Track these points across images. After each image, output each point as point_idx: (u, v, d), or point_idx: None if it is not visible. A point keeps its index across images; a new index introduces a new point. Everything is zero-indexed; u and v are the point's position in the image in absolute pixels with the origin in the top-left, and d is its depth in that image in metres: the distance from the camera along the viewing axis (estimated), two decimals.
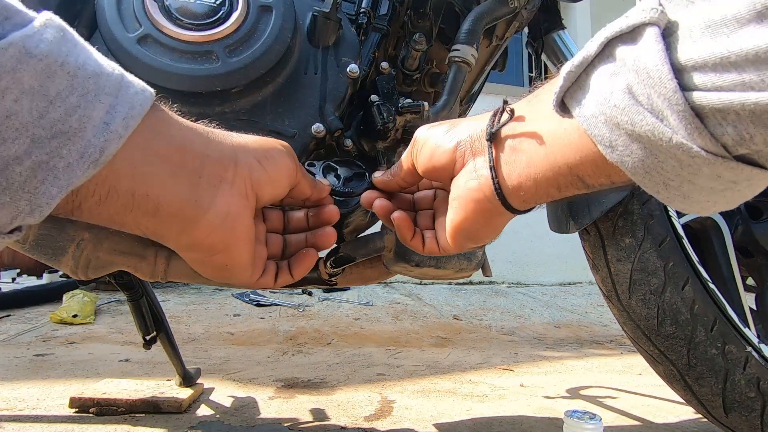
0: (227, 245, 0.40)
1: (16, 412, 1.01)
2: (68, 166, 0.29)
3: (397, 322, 2.44)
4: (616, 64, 0.30)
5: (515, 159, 0.39)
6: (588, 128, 0.31)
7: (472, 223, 0.43)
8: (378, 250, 0.74)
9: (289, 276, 0.48)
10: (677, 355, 0.78)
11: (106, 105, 0.31)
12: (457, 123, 0.45)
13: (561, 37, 1.07)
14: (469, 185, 0.42)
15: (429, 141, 0.45)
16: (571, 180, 0.36)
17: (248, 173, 0.40)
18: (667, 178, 0.29)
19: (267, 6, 0.66)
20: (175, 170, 0.36)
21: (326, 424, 0.99)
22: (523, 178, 0.38)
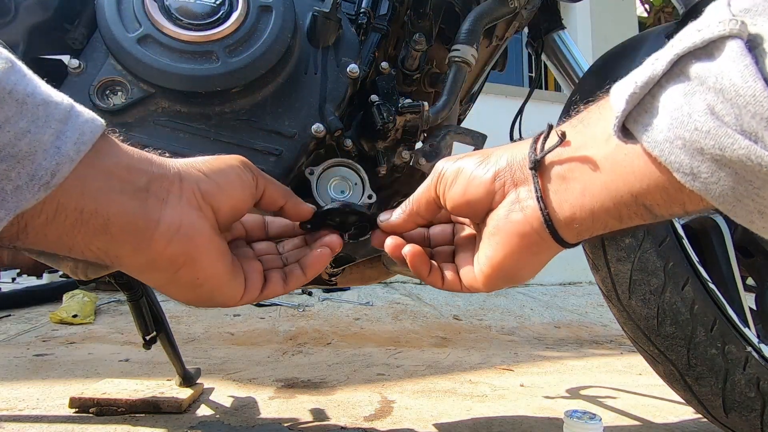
0: (189, 257, 0.38)
1: (16, 412, 1.01)
2: (17, 188, 0.29)
3: (397, 322, 2.44)
4: (690, 82, 0.27)
5: (567, 188, 0.36)
6: (660, 154, 0.29)
7: (515, 260, 0.39)
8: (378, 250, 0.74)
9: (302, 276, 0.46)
10: (677, 355, 0.78)
11: (56, 130, 0.31)
12: (490, 153, 0.42)
13: (561, 37, 1.08)
14: (512, 218, 0.38)
15: (462, 173, 0.42)
16: (635, 210, 0.33)
17: (195, 185, 0.39)
18: (763, 206, 0.26)
19: (267, 6, 0.66)
20: (123, 186, 0.35)
21: (326, 424, 0.99)
22: (578, 209, 0.35)
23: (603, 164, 0.34)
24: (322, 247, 0.47)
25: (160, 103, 0.63)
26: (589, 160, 0.34)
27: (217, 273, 0.40)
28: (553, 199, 0.36)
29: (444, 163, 0.44)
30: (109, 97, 0.63)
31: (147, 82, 0.62)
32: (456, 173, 0.42)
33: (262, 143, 0.65)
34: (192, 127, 0.64)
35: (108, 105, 0.62)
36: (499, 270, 0.40)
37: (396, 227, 0.48)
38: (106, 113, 0.62)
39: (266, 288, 0.45)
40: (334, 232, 0.49)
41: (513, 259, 0.39)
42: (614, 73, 0.84)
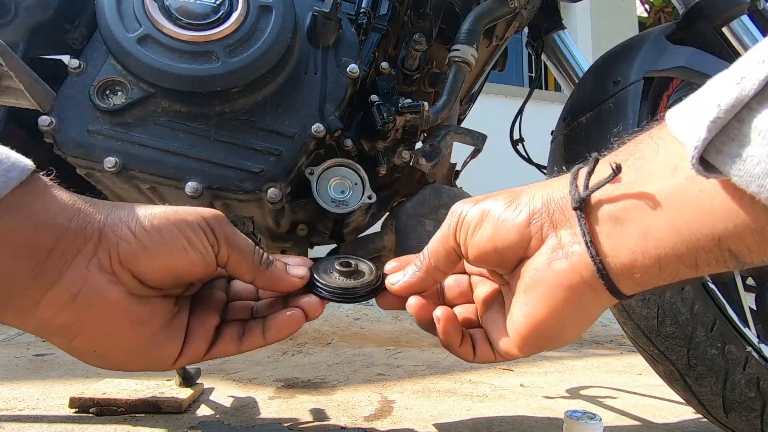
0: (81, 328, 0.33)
1: (16, 412, 1.01)
2: None
3: (397, 322, 2.44)
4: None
5: (622, 231, 0.31)
6: (760, 190, 0.24)
7: (559, 317, 0.34)
8: (378, 250, 0.74)
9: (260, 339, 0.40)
10: (677, 355, 0.78)
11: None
12: (519, 192, 0.36)
13: (561, 37, 1.08)
14: (555, 267, 0.33)
15: (488, 216, 0.36)
16: (717, 256, 0.28)
17: (115, 246, 0.34)
18: None
19: (267, 6, 0.66)
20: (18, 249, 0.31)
21: (326, 424, 0.99)
22: (639, 255, 0.30)
23: (670, 201, 0.29)
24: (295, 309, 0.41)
25: (160, 103, 0.63)
26: (649, 197, 0.29)
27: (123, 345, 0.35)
28: (606, 243, 0.31)
29: (462, 206, 0.38)
30: (109, 97, 0.63)
31: (147, 82, 0.62)
32: (480, 217, 0.36)
33: (262, 143, 0.65)
34: (192, 127, 0.64)
35: (108, 105, 0.62)
36: (540, 330, 0.34)
37: (411, 288, 0.41)
38: (106, 113, 0.62)
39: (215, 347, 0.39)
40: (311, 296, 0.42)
41: (557, 315, 0.33)
42: (614, 73, 0.84)
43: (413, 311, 0.40)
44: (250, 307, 0.43)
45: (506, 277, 0.38)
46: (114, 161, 0.60)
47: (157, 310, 0.36)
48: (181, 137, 0.63)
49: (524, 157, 1.14)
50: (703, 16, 0.87)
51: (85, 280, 0.33)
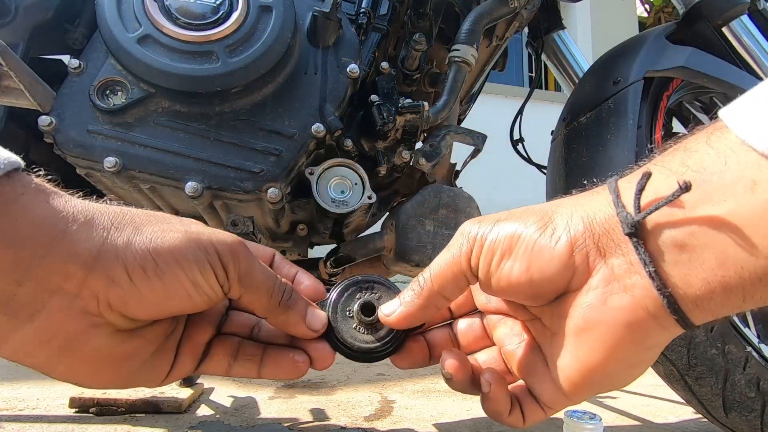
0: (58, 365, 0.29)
1: (16, 412, 1.01)
2: None
3: None
4: None
5: (691, 258, 0.26)
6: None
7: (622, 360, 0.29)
8: (378, 250, 0.74)
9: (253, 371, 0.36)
10: (677, 355, 0.78)
11: None
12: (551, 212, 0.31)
13: (561, 37, 1.08)
14: (615, 304, 0.28)
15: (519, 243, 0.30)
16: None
17: (105, 289, 0.28)
18: None
19: (267, 6, 0.66)
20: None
21: (326, 424, 0.99)
22: (717, 285, 0.26)
23: (752, 223, 0.24)
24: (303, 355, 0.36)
25: (160, 103, 0.63)
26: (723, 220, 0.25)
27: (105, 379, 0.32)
28: (673, 273, 0.26)
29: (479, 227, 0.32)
30: (109, 96, 0.63)
31: (147, 82, 0.62)
32: (510, 243, 0.30)
33: (262, 143, 0.65)
34: (192, 127, 0.64)
35: (108, 105, 0.62)
36: (597, 375, 0.30)
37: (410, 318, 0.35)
38: (106, 113, 0.62)
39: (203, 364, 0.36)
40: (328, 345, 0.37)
41: (619, 357, 0.29)
42: (614, 73, 0.84)
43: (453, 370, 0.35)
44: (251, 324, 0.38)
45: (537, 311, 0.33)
46: (114, 161, 0.60)
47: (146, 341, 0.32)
48: (181, 137, 0.63)
49: (524, 157, 1.15)
50: (703, 16, 0.87)
51: (62, 324, 0.28)
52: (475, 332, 0.39)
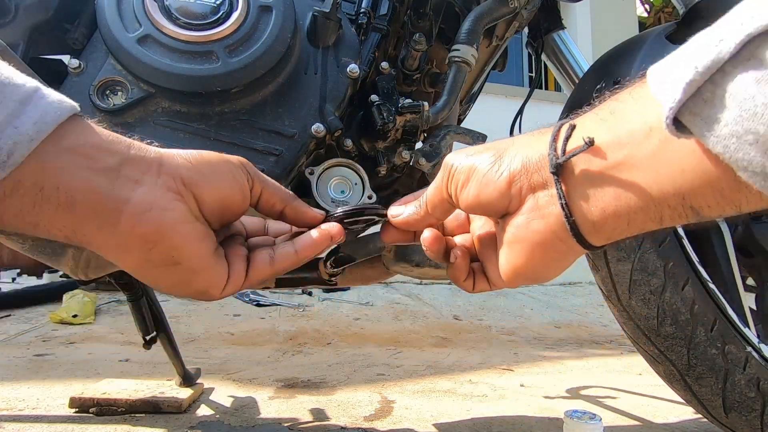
0: (160, 234, 0.36)
1: (16, 412, 1.01)
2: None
3: (397, 322, 2.44)
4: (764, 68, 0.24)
5: (596, 192, 0.33)
6: (724, 151, 0.26)
7: (537, 266, 0.38)
8: (378, 250, 0.74)
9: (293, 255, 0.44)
10: (677, 355, 0.78)
11: (13, 110, 0.31)
12: (503, 149, 0.38)
13: (561, 37, 1.08)
14: (532, 226, 0.36)
15: (474, 174, 0.39)
16: (680, 212, 0.30)
17: (176, 171, 0.38)
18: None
19: (267, 6, 0.66)
20: (90, 164, 0.35)
21: (326, 424, 0.99)
22: (610, 215, 0.32)
23: (645, 164, 0.30)
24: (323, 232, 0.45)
25: (160, 103, 0.63)
26: (626, 160, 0.31)
27: (194, 252, 0.38)
28: (581, 205, 0.33)
29: (453, 159, 0.41)
30: (109, 96, 0.63)
31: (147, 82, 0.62)
32: (467, 174, 0.39)
33: (262, 143, 0.65)
34: (192, 127, 0.64)
35: (108, 105, 0.62)
36: (522, 274, 0.39)
37: (408, 225, 0.46)
38: (106, 113, 0.62)
39: (251, 270, 0.42)
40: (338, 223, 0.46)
41: (534, 266, 0.38)
42: (614, 73, 0.84)
43: (427, 243, 0.44)
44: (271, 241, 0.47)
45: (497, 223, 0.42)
46: None
47: (209, 235, 0.40)
48: (181, 137, 0.63)
49: None
50: (702, 16, 0.87)
51: (156, 198, 0.36)
52: (459, 221, 0.48)
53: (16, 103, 0.32)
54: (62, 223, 0.35)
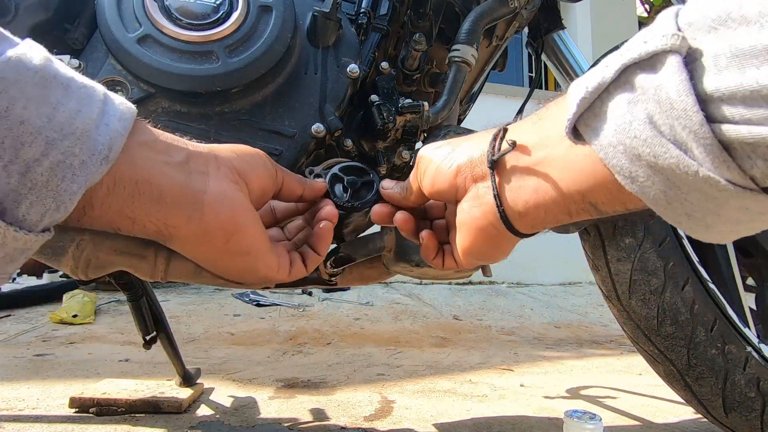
0: (236, 224, 0.41)
1: (16, 412, 1.01)
2: (83, 163, 0.32)
3: (397, 322, 2.44)
4: (635, 92, 0.29)
5: (521, 186, 0.38)
6: (605, 158, 0.31)
7: (480, 248, 0.43)
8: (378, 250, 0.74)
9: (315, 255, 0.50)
10: (677, 355, 0.78)
11: (101, 109, 0.34)
12: (458, 145, 0.44)
13: (561, 37, 1.07)
14: (473, 213, 0.41)
15: (431, 165, 0.45)
16: (583, 207, 0.35)
17: (230, 162, 0.43)
18: (690, 209, 0.29)
19: (267, 6, 0.66)
20: (166, 159, 0.38)
21: (326, 424, 0.99)
22: (531, 206, 0.38)
23: (556, 164, 0.36)
24: (322, 221, 0.51)
25: (160, 103, 0.63)
26: (544, 160, 0.37)
27: (259, 241, 0.44)
28: (509, 196, 0.39)
29: (423, 151, 0.47)
30: None
31: (147, 82, 0.62)
32: (427, 163, 0.46)
33: (262, 143, 0.65)
34: (192, 127, 0.64)
35: None
36: (469, 254, 0.44)
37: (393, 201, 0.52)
38: None
39: (293, 268, 0.48)
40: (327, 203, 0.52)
41: (477, 247, 0.43)
42: None
43: (398, 224, 0.51)
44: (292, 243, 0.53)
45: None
46: None
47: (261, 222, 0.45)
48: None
49: None
50: None
51: (224, 187, 0.41)
52: (439, 206, 0.53)
53: (100, 103, 0.34)
54: (156, 216, 0.38)
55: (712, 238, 0.31)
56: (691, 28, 0.27)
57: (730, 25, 0.25)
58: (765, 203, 0.27)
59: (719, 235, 0.30)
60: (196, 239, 0.40)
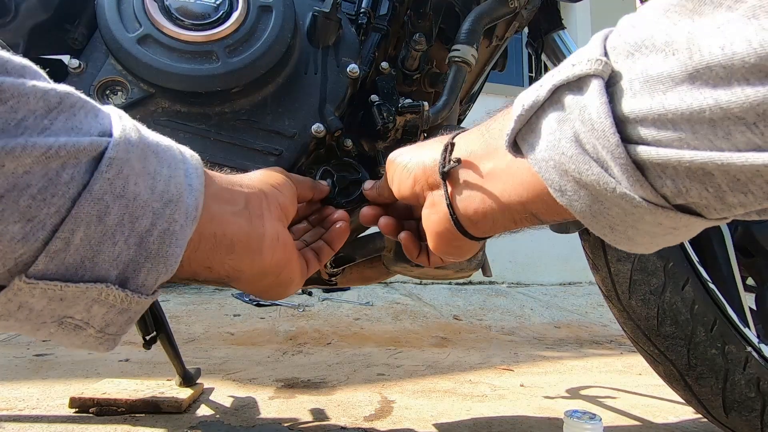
0: (287, 260, 0.46)
1: (16, 412, 1.01)
2: (182, 227, 0.34)
3: (397, 322, 2.44)
4: (564, 111, 0.30)
5: (470, 195, 0.40)
6: (539, 171, 0.32)
7: (444, 248, 0.46)
8: (378, 250, 0.74)
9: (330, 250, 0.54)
10: (677, 355, 0.78)
11: (184, 170, 0.36)
12: (416, 152, 0.47)
13: (561, 37, 1.08)
14: (432, 219, 0.44)
15: (395, 172, 0.49)
16: (525, 216, 0.37)
17: (275, 200, 0.46)
18: (612, 222, 0.30)
19: (267, 6, 0.66)
20: (233, 209, 0.41)
21: (326, 424, 0.99)
22: (480, 215, 0.40)
23: (500, 176, 0.38)
24: (339, 221, 0.56)
25: (160, 103, 0.63)
26: (490, 172, 0.39)
27: (299, 267, 0.49)
28: (461, 205, 0.41)
29: (390, 157, 0.51)
30: (109, 97, 0.63)
31: (147, 82, 0.62)
32: (393, 171, 0.49)
33: (262, 143, 0.65)
34: (192, 127, 0.64)
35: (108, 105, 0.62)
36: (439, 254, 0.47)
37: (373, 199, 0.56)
38: None
39: (309, 267, 0.52)
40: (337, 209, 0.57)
41: (443, 248, 0.46)
42: None
43: (382, 229, 0.53)
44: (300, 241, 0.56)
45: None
46: None
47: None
48: (181, 137, 0.63)
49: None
50: None
51: (276, 228, 0.45)
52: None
53: (182, 163, 0.36)
54: (229, 263, 0.41)
55: (635, 249, 0.32)
56: (614, 52, 0.29)
57: (643, 51, 0.27)
58: (676, 219, 0.28)
59: (641, 246, 0.32)
60: (254, 278, 0.44)
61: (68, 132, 0.29)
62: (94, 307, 0.32)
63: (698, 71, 0.24)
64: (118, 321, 0.34)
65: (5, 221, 0.26)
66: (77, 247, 0.29)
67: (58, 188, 0.28)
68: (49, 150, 0.27)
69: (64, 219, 0.28)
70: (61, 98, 0.30)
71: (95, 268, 0.30)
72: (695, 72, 0.24)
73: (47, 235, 0.28)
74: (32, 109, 0.28)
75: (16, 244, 0.27)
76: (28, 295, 0.29)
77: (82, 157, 0.29)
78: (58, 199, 0.28)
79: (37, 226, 0.27)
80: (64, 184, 0.28)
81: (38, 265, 0.28)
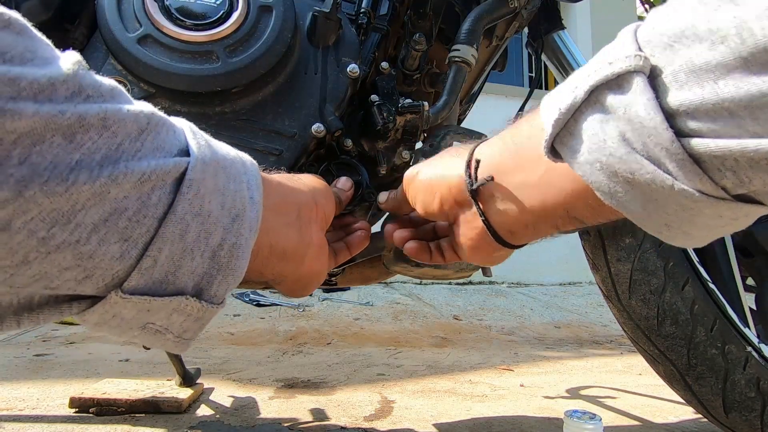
0: (325, 266, 0.49)
1: (16, 412, 1.01)
2: (246, 240, 0.35)
3: (397, 322, 2.44)
4: (606, 111, 0.30)
5: (506, 209, 0.40)
6: (584, 175, 0.32)
7: (484, 258, 0.47)
8: (378, 250, 0.74)
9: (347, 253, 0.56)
10: (677, 355, 0.78)
11: (246, 182, 0.37)
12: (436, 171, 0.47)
13: (561, 37, 1.07)
14: (468, 235, 0.45)
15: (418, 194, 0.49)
16: (569, 221, 0.38)
17: (323, 209, 0.48)
18: (669, 219, 0.30)
19: (267, 6, 0.66)
20: (286, 220, 0.43)
21: (326, 424, 0.99)
22: (520, 225, 0.40)
23: (537, 185, 0.38)
24: (361, 229, 0.58)
25: (160, 103, 0.63)
26: (523, 183, 0.39)
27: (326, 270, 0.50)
28: (496, 220, 0.42)
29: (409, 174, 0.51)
30: None
31: (147, 82, 0.62)
32: (415, 193, 0.50)
33: (263, 143, 0.65)
34: None
35: None
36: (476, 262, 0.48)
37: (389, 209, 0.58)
38: None
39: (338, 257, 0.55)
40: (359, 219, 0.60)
41: (480, 258, 0.47)
42: None
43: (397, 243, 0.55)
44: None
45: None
46: None
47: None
48: None
49: None
50: None
51: (319, 239, 0.47)
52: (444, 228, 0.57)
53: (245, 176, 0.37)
54: (278, 271, 0.43)
55: (691, 243, 0.32)
56: (649, 45, 0.28)
57: (683, 42, 0.26)
58: (736, 210, 0.28)
59: (697, 240, 0.31)
60: (294, 283, 0.46)
61: (154, 152, 0.31)
62: (174, 316, 0.34)
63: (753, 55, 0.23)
64: (193, 327, 0.36)
65: (107, 242, 0.28)
66: (162, 263, 0.31)
67: (149, 210, 0.30)
68: (143, 175, 0.29)
69: (153, 238, 0.30)
70: (149, 119, 0.31)
71: (176, 282, 0.32)
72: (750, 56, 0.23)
73: (139, 253, 0.30)
74: (128, 133, 0.29)
75: (115, 262, 0.29)
76: (122, 306, 0.31)
77: (168, 179, 0.31)
78: (149, 220, 0.30)
79: (132, 246, 0.29)
80: (153, 206, 0.30)
81: (131, 280, 0.30)
